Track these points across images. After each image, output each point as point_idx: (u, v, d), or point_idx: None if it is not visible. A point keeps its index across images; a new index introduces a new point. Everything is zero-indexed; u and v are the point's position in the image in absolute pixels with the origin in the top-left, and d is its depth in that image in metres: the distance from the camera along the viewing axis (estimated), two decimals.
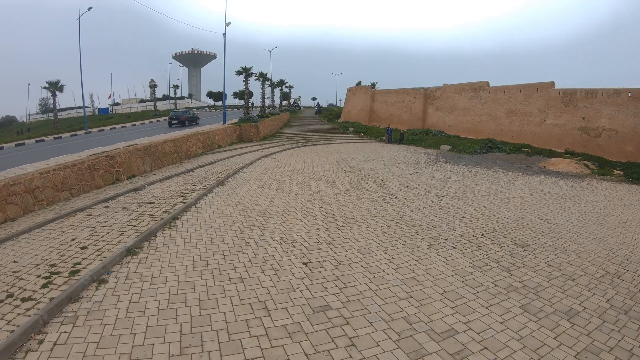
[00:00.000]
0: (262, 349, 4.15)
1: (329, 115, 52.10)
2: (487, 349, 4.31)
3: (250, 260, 6.56)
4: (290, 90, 73.60)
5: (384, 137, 32.69)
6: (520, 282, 6.07)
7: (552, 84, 25.49)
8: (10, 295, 5.10)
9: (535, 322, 4.92)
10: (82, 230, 7.87)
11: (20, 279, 5.63)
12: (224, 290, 5.48)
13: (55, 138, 29.44)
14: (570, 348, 4.39)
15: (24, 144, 27.07)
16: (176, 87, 68.47)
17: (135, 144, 15.55)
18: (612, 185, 16.10)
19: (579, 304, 5.44)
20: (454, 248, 7.47)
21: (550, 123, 24.88)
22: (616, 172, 19.10)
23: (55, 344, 4.17)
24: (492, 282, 6.03)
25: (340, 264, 6.50)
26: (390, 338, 4.44)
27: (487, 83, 30.42)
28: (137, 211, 9.24)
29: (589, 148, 22.46)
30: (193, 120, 30.93)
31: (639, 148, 20.63)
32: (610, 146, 21.70)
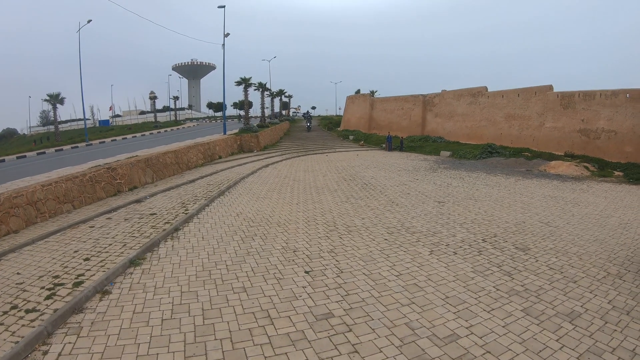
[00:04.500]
0: (265, 357, 4.18)
1: (329, 124, 52.23)
2: (489, 352, 4.32)
3: (252, 270, 6.59)
4: (289, 99, 73.85)
5: (384, 145, 32.77)
6: (522, 286, 6.09)
7: (550, 87, 25.61)
8: (15, 307, 5.15)
9: (537, 325, 4.93)
10: (84, 242, 7.91)
11: (24, 290, 5.67)
12: (227, 300, 5.51)
13: (56, 150, 29.62)
14: (573, 350, 4.40)
15: (25, 156, 27.23)
16: (176, 98, 68.78)
17: (137, 156, 15.66)
18: (612, 186, 16.12)
19: (581, 306, 5.46)
20: (455, 254, 7.49)
21: (549, 126, 24.97)
22: (616, 173, 19.14)
23: (59, 354, 4.20)
24: (493, 287, 6.05)
25: (342, 272, 6.52)
26: (392, 344, 4.46)
27: (486, 88, 30.57)
28: (139, 222, 9.28)
29: (588, 150, 22.52)
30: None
31: (639, 148, 20.69)
32: (610, 147, 21.76)
